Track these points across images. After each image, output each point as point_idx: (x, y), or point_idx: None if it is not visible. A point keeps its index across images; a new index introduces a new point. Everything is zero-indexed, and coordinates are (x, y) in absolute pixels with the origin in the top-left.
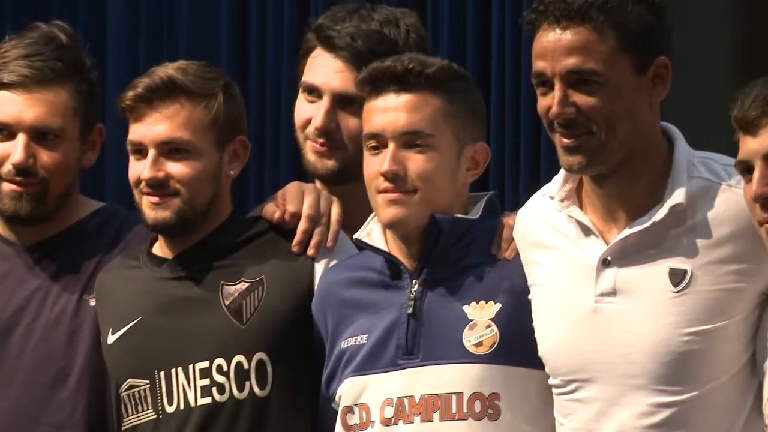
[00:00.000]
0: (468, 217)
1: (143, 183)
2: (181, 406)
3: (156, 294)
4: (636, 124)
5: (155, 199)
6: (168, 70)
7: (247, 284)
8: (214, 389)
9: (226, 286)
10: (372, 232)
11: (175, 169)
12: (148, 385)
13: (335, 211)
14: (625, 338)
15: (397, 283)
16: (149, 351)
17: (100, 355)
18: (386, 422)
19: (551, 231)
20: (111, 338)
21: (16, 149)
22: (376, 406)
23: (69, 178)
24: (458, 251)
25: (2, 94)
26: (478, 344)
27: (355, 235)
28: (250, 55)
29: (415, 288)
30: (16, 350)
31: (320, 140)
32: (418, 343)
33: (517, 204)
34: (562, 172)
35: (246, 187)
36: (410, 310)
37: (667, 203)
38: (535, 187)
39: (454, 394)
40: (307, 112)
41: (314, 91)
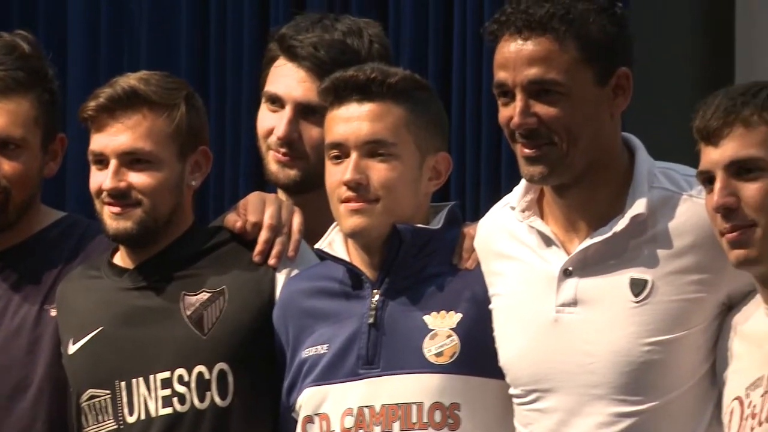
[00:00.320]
0: (429, 227)
1: (104, 193)
2: (142, 417)
3: (117, 304)
4: (597, 134)
5: (116, 210)
6: (130, 81)
7: (208, 294)
8: (175, 400)
9: (187, 297)
10: (333, 242)
11: (137, 179)
12: (109, 396)
13: (296, 221)
14: (586, 348)
15: (358, 292)
16: (110, 361)
17: (60, 366)
18: None
19: (512, 241)
20: (72, 348)
21: None
22: (336, 416)
23: (31, 188)
24: (419, 261)
25: None
26: (439, 354)
27: (317, 245)
28: (209, 66)
29: (376, 298)
30: None
31: (282, 150)
32: (379, 352)
33: (478, 214)
34: (523, 183)
35: (206, 197)
36: (371, 320)
37: (628, 213)
38: (496, 197)
39: (414, 403)
40: (270, 121)
41: (277, 101)
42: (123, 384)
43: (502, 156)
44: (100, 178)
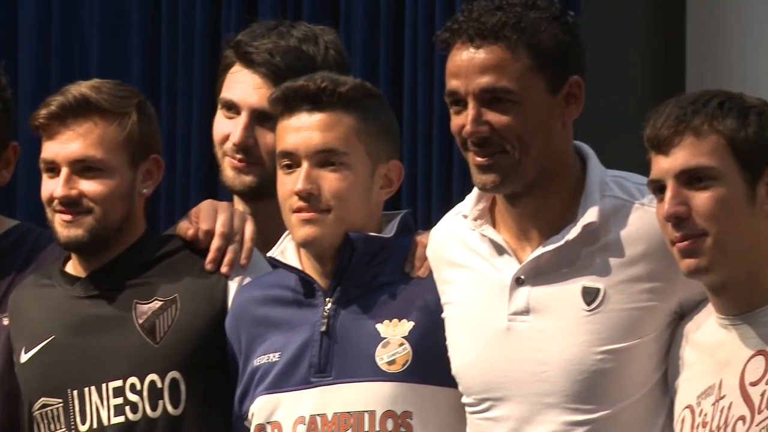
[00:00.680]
0: (382, 235)
1: (56, 201)
2: (94, 425)
3: (69, 313)
4: (549, 142)
5: (68, 217)
6: (81, 89)
7: (161, 303)
8: (128, 408)
9: (139, 305)
10: (286, 250)
11: (88, 187)
12: (61, 404)
13: (248, 228)
14: (538, 357)
15: (310, 301)
16: (62, 370)
17: (12, 374)
18: None
19: (464, 250)
20: (24, 357)
21: None
22: (288, 424)
23: None
24: (372, 269)
25: None
26: (391, 362)
27: (269, 254)
28: (161, 74)
29: (329, 306)
30: None
31: (238, 156)
32: (331, 361)
33: (430, 222)
34: (475, 191)
35: (157, 205)
36: (323, 328)
37: (580, 222)
38: (448, 205)
39: (366, 412)
40: (226, 128)
41: (233, 107)
42: (75, 393)
43: (454, 164)
44: (52, 186)
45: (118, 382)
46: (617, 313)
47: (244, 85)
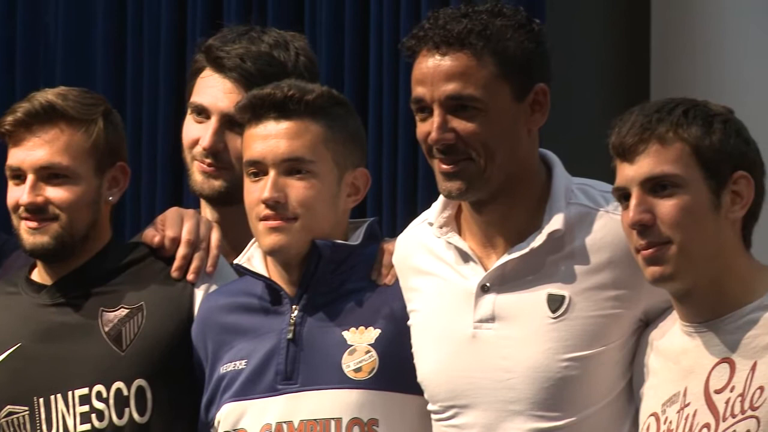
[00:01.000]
0: (348, 242)
1: (22, 208)
2: None
3: (35, 320)
4: (515, 150)
5: (33, 224)
6: (48, 96)
7: (127, 310)
8: (94, 416)
9: (105, 313)
10: (252, 258)
11: (54, 194)
12: (27, 412)
13: (214, 236)
14: (504, 364)
15: (277, 308)
16: (28, 378)
17: None
18: None
19: (430, 257)
20: None
21: None
22: None
23: None
24: (338, 277)
25: None
26: (358, 369)
27: (236, 261)
28: (126, 82)
29: (295, 313)
30: None
31: (208, 160)
32: (298, 368)
33: (395, 230)
34: (441, 199)
35: (123, 212)
36: (290, 336)
37: (546, 229)
38: (413, 213)
39: (332, 419)
40: (195, 132)
41: (203, 112)
42: (41, 400)
43: (419, 171)
44: (18, 193)
45: (84, 390)
46: (582, 321)
47: (214, 90)
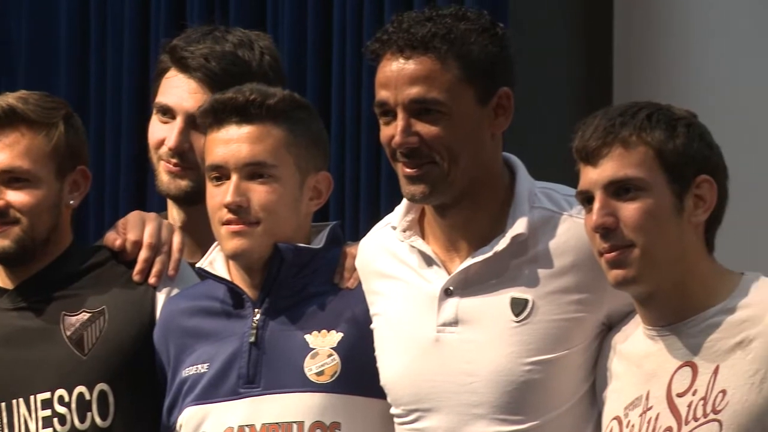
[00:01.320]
0: (311, 246)
1: None
2: None
3: None
4: (478, 153)
5: None
6: (8, 99)
7: (89, 314)
8: (56, 420)
9: (67, 317)
10: (215, 261)
11: (15, 197)
12: None
13: (176, 239)
14: (467, 368)
15: (239, 312)
16: None
17: None
18: None
19: (393, 261)
20: None
21: None
22: None
23: None
24: (301, 280)
25: None
26: (320, 373)
27: (198, 264)
28: (89, 86)
29: (257, 317)
30: None
31: (173, 160)
32: (260, 371)
33: (357, 234)
34: (404, 202)
35: (87, 216)
36: (252, 339)
37: (509, 233)
38: (376, 216)
39: (295, 423)
40: (161, 132)
41: (168, 112)
42: (3, 405)
43: (382, 175)
44: None
45: (47, 395)
46: (545, 324)
47: (179, 90)
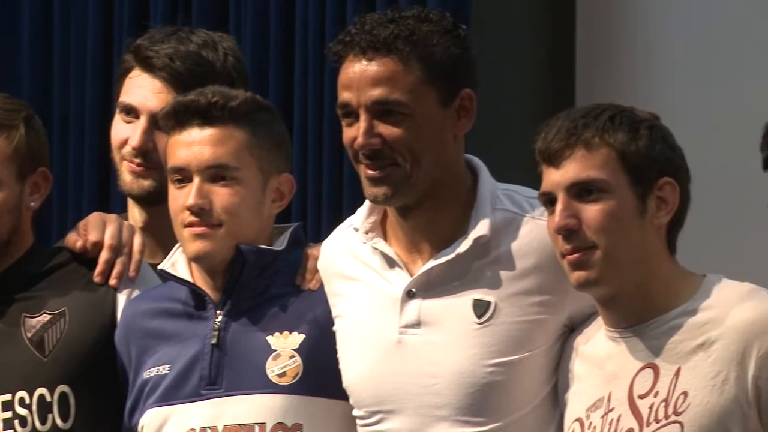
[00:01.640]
0: (273, 248)
1: None
2: None
3: None
4: (441, 155)
5: None
6: None
7: (49, 316)
8: (17, 422)
9: (27, 319)
10: (177, 263)
11: None
12: None
13: (137, 241)
14: (429, 369)
15: (201, 313)
16: None
17: None
18: None
19: (356, 263)
20: None
21: None
22: None
23: None
24: (263, 282)
25: None
26: (282, 375)
27: (159, 266)
28: (52, 88)
29: (219, 318)
30: None
31: (137, 160)
32: (222, 373)
33: (320, 235)
34: (366, 204)
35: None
36: (214, 341)
37: (471, 235)
38: (338, 218)
39: (257, 424)
40: (124, 132)
41: (132, 112)
42: None
43: (344, 177)
44: None
45: (7, 396)
46: (508, 326)
47: (143, 90)
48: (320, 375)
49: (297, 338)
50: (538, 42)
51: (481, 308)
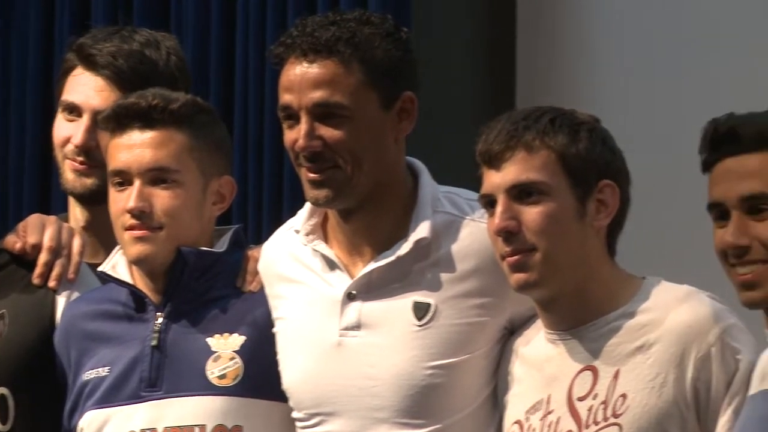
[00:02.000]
0: (214, 250)
1: None
2: None
3: None
4: (382, 158)
5: None
6: None
7: None
8: None
9: None
10: (117, 265)
11: None
12: None
13: (76, 242)
14: (369, 372)
15: (141, 315)
16: None
17: None
18: None
19: (296, 265)
20: None
21: None
22: None
23: None
24: (203, 284)
25: None
26: (222, 376)
27: (100, 268)
28: None
29: (160, 320)
30: None
31: (79, 158)
32: (162, 375)
33: (260, 237)
34: (307, 206)
35: None
36: (154, 343)
37: (412, 237)
38: (278, 220)
39: (197, 426)
40: (67, 131)
41: (74, 110)
42: None
43: (285, 179)
44: None
45: None
46: (448, 329)
47: (86, 88)
48: (261, 377)
49: (237, 340)
50: (479, 44)
51: (421, 310)
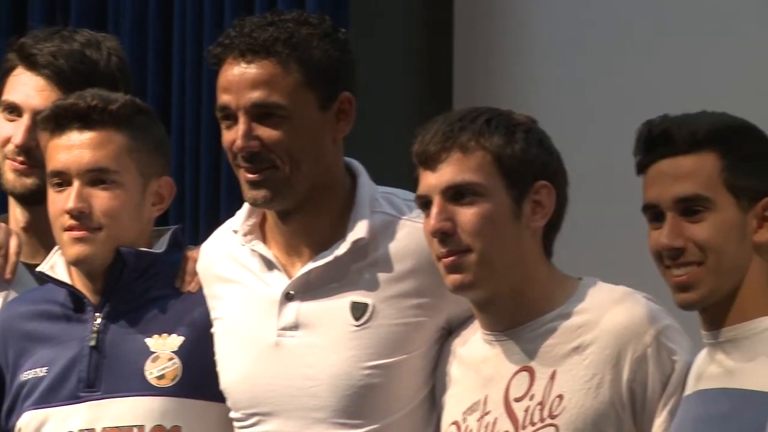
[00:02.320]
0: (152, 250)
1: None
2: None
3: None
4: (320, 158)
5: None
6: None
7: None
8: None
9: None
10: (56, 265)
11: None
12: None
13: (13, 243)
14: (307, 372)
15: (79, 316)
16: None
17: None
18: None
19: (235, 265)
20: None
21: None
22: None
23: None
24: (142, 284)
25: None
26: (161, 377)
27: (38, 268)
28: None
29: (98, 321)
30: None
31: (20, 158)
32: (100, 375)
33: (198, 238)
34: (246, 206)
35: None
36: (92, 343)
37: (350, 237)
38: (216, 221)
39: (135, 426)
40: (7, 130)
41: (15, 110)
42: None
43: (222, 179)
44: None
45: None
46: (385, 329)
47: (26, 87)
48: (199, 377)
49: (176, 340)
50: (416, 45)
51: (358, 310)
